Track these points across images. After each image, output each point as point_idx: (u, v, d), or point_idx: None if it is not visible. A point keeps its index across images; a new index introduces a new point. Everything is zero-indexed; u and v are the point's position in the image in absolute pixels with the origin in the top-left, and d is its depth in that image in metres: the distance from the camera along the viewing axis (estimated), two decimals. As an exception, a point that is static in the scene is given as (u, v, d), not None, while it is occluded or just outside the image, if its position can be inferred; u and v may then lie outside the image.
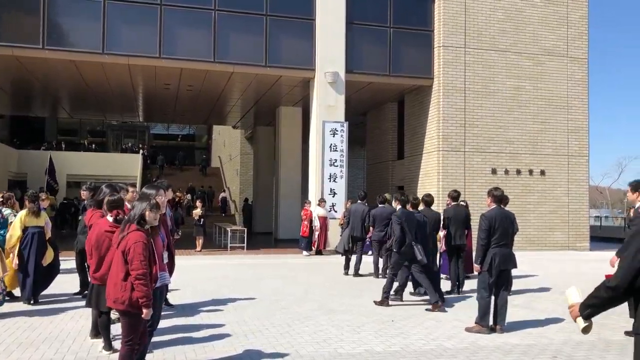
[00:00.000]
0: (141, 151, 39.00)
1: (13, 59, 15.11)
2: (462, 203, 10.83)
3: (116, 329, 6.53)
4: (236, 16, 16.21)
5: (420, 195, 13.46)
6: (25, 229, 8.32)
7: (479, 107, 17.52)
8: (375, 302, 8.65)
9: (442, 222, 9.98)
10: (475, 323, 7.04)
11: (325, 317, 7.76)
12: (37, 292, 8.48)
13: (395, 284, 8.81)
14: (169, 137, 51.59)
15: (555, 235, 17.91)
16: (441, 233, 10.11)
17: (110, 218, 5.64)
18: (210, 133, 45.63)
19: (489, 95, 17.60)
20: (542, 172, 18.04)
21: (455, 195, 10.33)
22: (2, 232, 8.15)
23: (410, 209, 8.77)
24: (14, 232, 8.23)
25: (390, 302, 8.61)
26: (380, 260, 11.86)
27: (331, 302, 8.90)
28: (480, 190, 16.97)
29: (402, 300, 8.89)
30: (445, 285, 10.01)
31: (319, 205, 16.07)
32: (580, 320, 3.01)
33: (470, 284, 10.21)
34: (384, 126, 21.62)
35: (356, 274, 11.89)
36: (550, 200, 18.08)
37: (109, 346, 5.81)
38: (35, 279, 8.33)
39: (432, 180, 17.58)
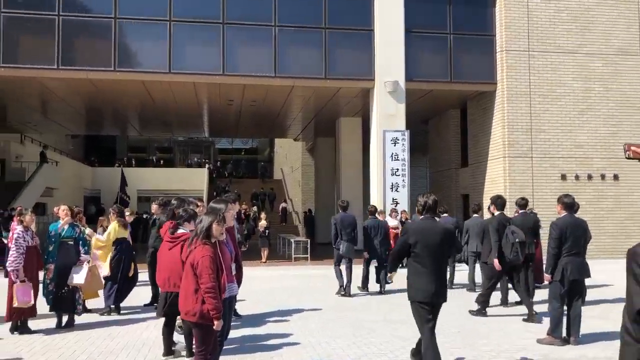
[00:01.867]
0: (207, 165, 40.15)
1: (87, 82, 15.97)
2: (530, 211, 10.52)
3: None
4: (295, 31, 16.48)
5: (486, 202, 13.17)
6: (115, 241, 8.80)
7: (546, 111, 16.99)
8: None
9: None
10: (547, 334, 6.81)
11: (390, 328, 7.71)
12: (119, 302, 8.89)
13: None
14: (233, 151, 52.89)
15: (632, 243, 16.99)
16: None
17: (184, 229, 5.92)
18: (272, 146, 46.44)
19: (556, 99, 17.03)
20: (616, 177, 17.23)
21: (522, 203, 10.03)
22: (85, 247, 8.57)
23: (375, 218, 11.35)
24: (108, 244, 8.70)
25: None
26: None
27: (396, 313, 8.84)
28: (549, 197, 16.40)
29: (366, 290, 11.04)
30: (516, 295, 9.73)
31: (390, 215, 15.90)
32: None
33: (540, 294, 9.87)
34: (447, 133, 21.31)
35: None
36: (625, 206, 17.23)
37: (168, 353, 6.07)
38: (119, 289, 8.76)
39: (498, 188, 17.14)
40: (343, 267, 10.77)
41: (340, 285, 10.74)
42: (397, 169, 16.49)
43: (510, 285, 9.48)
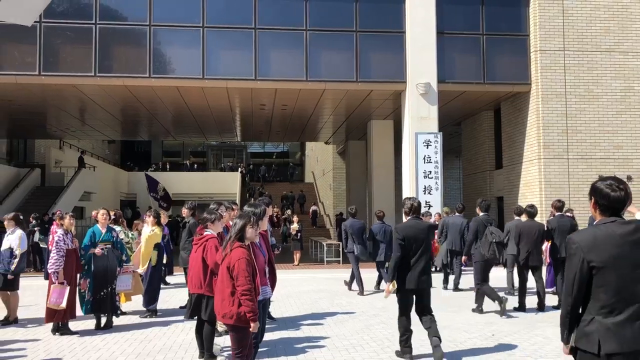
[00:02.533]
0: (239, 169, 40.59)
1: (123, 88, 16.32)
2: (567, 213, 10.31)
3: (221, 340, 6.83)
4: (327, 34, 16.53)
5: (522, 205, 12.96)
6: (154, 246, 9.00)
7: (582, 111, 16.62)
8: None
9: (546, 234, 9.55)
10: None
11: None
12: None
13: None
14: (265, 155, 53.30)
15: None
16: (544, 245, 9.67)
17: (209, 231, 6.06)
18: (303, 149, 46.63)
19: (593, 99, 16.66)
20: (657, 178, 16.74)
21: (559, 205, 9.87)
22: (124, 252, 8.76)
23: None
24: (148, 250, 8.87)
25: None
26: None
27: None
28: (586, 200, 16.00)
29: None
30: (552, 299, 9.55)
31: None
32: None
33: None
34: (480, 135, 21.05)
35: (456, 288, 11.61)
36: (667, 207, 16.70)
37: (204, 354, 6.14)
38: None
39: (533, 190, 16.84)
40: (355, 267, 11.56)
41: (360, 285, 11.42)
42: (430, 172, 16.36)
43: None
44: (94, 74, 15.52)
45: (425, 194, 16.26)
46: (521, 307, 9.24)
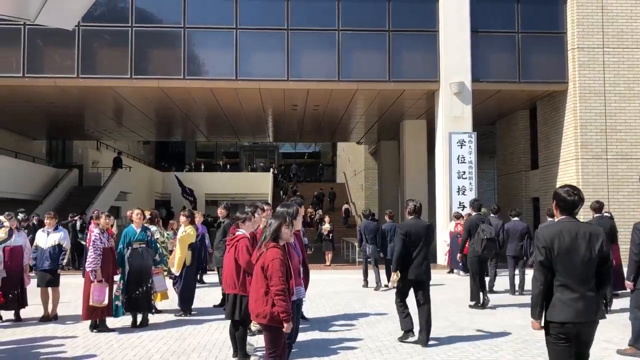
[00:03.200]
0: (272, 169, 40.86)
1: (158, 90, 16.59)
2: (606, 214, 10.05)
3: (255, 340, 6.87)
4: (359, 35, 16.49)
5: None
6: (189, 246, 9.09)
7: (622, 110, 16.17)
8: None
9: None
10: (629, 345, 6.47)
11: (459, 335, 7.55)
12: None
13: None
14: (297, 155, 53.48)
15: None
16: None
17: (241, 231, 6.12)
18: (335, 150, 46.63)
19: (634, 97, 16.18)
20: (701, 179, 16.17)
21: (597, 207, 9.62)
22: (158, 251, 8.90)
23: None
24: (183, 252, 8.97)
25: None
26: (517, 277, 11.33)
27: (463, 319, 8.65)
28: (626, 200, 15.62)
29: None
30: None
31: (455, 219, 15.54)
32: None
33: (619, 303, 9.40)
34: (515, 135, 20.68)
35: (490, 290, 11.42)
36: None
37: (238, 354, 6.18)
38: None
39: (570, 191, 16.45)
40: (370, 266, 12.66)
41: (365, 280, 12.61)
42: (464, 172, 16.15)
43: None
44: (130, 76, 15.82)
45: (459, 194, 16.05)
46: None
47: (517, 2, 16.60)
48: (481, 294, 9.68)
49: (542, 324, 3.93)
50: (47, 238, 8.88)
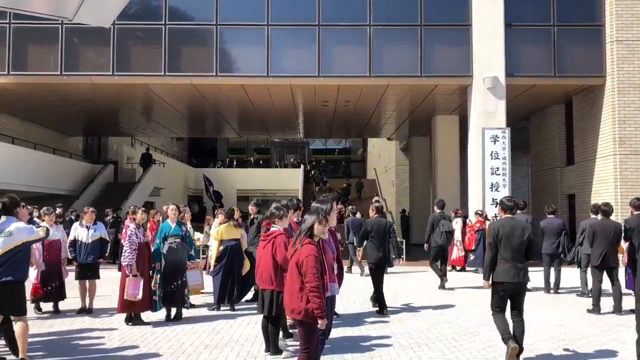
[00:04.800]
0: (302, 166, 40.99)
1: (191, 87, 16.77)
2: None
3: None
4: (390, 30, 16.36)
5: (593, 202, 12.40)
6: (221, 242, 9.16)
7: (663, 104, 15.68)
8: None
9: (623, 234, 9.08)
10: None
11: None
12: (236, 299, 9.21)
13: None
14: (327, 151, 53.47)
15: None
16: (623, 245, 9.19)
17: (276, 227, 6.10)
18: (365, 146, 46.46)
19: (674, 91, 15.68)
20: None
21: (638, 204, 9.32)
22: (192, 247, 9.07)
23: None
24: (213, 246, 9.15)
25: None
26: (552, 274, 11.11)
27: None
28: (667, 197, 15.15)
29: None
30: (629, 302, 9.07)
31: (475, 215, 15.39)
32: None
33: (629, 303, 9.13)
34: (550, 130, 20.26)
35: (555, 291, 11.19)
36: None
37: (270, 349, 6.21)
38: (233, 288, 9.08)
39: (607, 187, 16.06)
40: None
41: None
42: (497, 168, 15.90)
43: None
44: (163, 73, 16.03)
45: (492, 190, 15.81)
46: (596, 310, 8.85)
47: (552, -5, 16.24)
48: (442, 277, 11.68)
49: (490, 284, 6.09)
50: (88, 232, 9.07)
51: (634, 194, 13.93)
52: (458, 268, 15.23)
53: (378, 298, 8.98)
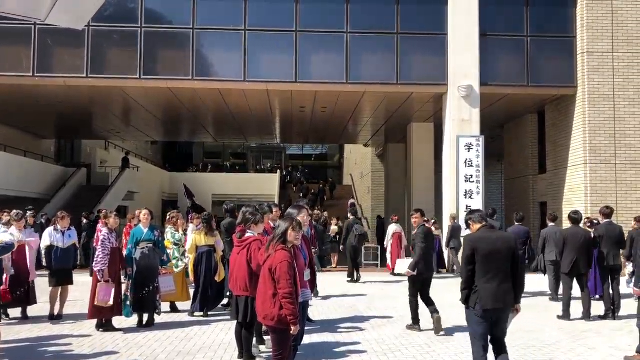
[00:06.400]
0: (278, 171, 40.96)
1: (167, 90, 16.63)
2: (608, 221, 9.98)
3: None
4: (367, 37, 16.47)
5: (565, 211, 12.64)
6: (197, 248, 9.07)
7: (632, 115, 16.06)
8: None
9: (592, 241, 9.28)
10: (637, 352, 6.42)
11: (468, 340, 7.50)
12: (210, 306, 9.12)
13: None
14: (304, 157, 53.51)
15: None
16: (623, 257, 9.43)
17: (251, 233, 6.07)
18: (342, 152, 46.62)
19: (643, 102, 16.08)
20: None
21: (607, 212, 9.57)
22: (166, 252, 8.97)
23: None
24: (190, 251, 9.08)
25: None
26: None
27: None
28: (635, 206, 15.50)
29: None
30: (598, 308, 9.26)
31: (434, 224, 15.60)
32: None
33: (627, 308, 9.33)
34: (523, 139, 20.59)
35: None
36: None
37: (244, 355, 6.19)
38: (208, 295, 9.00)
39: (578, 196, 16.37)
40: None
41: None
42: (471, 176, 16.10)
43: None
44: (138, 76, 15.86)
45: (466, 198, 16.00)
46: (566, 316, 9.00)
47: (526, 6, 16.54)
48: (355, 272, 13.99)
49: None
50: (64, 237, 8.88)
51: (604, 202, 14.24)
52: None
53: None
